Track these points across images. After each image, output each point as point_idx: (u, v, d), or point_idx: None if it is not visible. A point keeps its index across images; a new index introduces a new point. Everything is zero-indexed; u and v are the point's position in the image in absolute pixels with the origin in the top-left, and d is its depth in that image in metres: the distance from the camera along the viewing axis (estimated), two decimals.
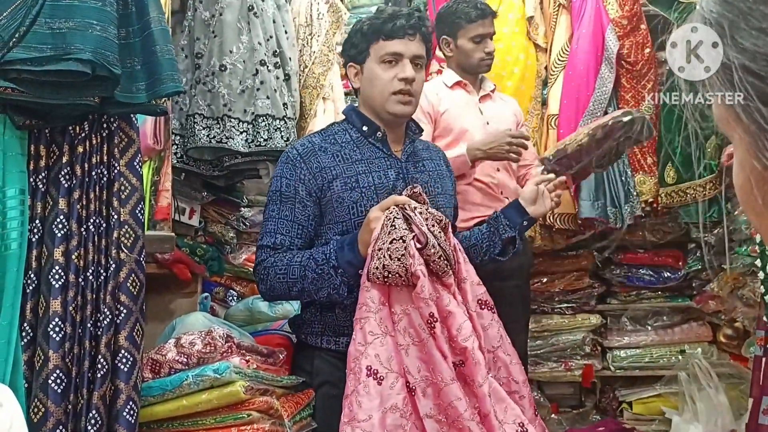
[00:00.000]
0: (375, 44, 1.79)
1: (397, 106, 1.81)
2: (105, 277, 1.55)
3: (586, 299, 3.64)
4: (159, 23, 1.56)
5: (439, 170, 1.96)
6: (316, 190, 1.77)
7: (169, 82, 1.55)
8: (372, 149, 1.83)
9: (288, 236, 1.76)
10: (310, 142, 1.82)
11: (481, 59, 2.67)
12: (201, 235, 2.50)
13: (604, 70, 3.39)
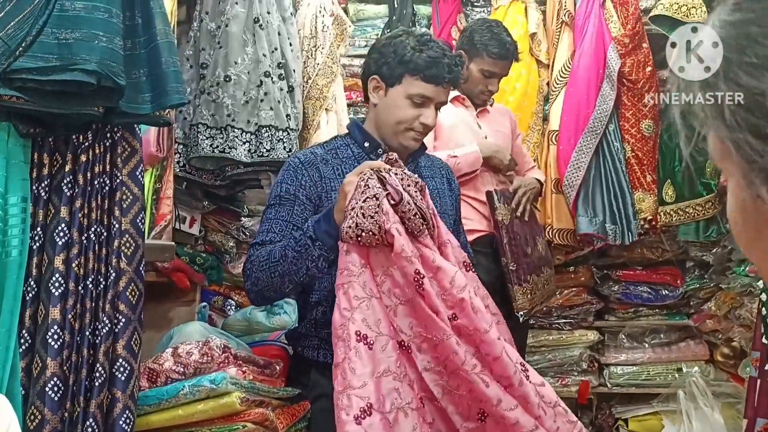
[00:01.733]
0: (411, 77, 1.78)
1: (410, 141, 1.83)
2: (105, 285, 1.56)
3: (584, 315, 3.64)
4: (165, 35, 1.57)
5: (440, 188, 1.97)
6: (315, 197, 1.78)
7: (174, 94, 1.57)
8: None
9: (279, 234, 1.75)
10: (312, 153, 1.84)
11: (481, 92, 2.70)
12: (201, 243, 2.51)
13: (606, 87, 3.41)
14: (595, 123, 3.39)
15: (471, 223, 2.59)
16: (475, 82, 2.68)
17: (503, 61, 2.64)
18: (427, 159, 2.02)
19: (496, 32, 2.65)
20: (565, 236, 3.48)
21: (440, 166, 2.04)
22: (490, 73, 2.65)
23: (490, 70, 2.64)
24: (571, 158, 3.40)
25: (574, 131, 3.43)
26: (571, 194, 3.39)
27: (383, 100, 1.82)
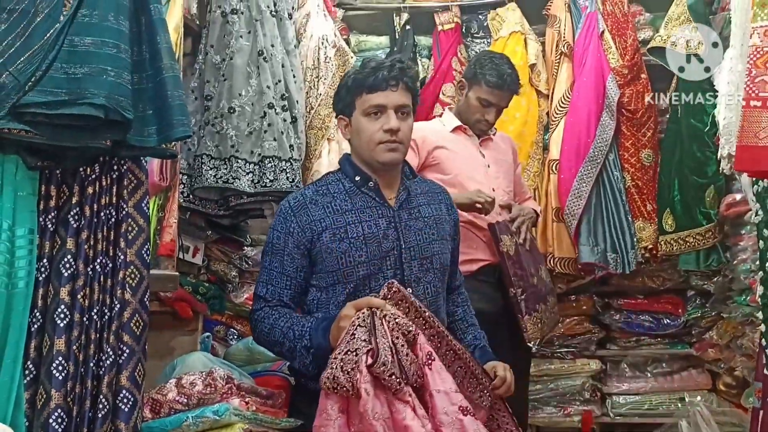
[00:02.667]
0: (359, 98, 1.83)
1: (385, 154, 1.84)
2: (109, 317, 1.57)
3: (586, 344, 3.64)
4: (171, 69, 1.60)
5: (437, 214, 1.97)
6: (305, 243, 1.82)
7: (179, 127, 1.59)
8: (365, 198, 1.87)
9: (277, 287, 1.82)
10: (302, 195, 1.88)
11: (478, 121, 2.72)
12: (204, 273, 2.52)
13: (605, 117, 3.45)
14: (596, 152, 3.43)
15: (474, 253, 2.61)
16: (473, 110, 2.71)
17: (500, 90, 2.67)
18: (424, 184, 2.03)
19: (497, 63, 2.69)
20: (567, 265, 3.49)
21: (437, 191, 2.04)
22: (487, 102, 2.68)
23: (487, 99, 2.67)
24: (572, 187, 3.43)
25: (574, 160, 3.46)
26: (572, 223, 3.41)
27: (352, 131, 1.88)
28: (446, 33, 3.94)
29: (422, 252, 1.88)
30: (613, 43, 3.53)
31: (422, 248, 1.88)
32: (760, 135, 1.57)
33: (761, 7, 1.63)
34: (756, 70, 1.61)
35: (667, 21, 3.24)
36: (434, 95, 3.87)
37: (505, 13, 3.83)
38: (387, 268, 1.83)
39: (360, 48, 4.13)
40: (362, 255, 1.80)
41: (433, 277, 1.91)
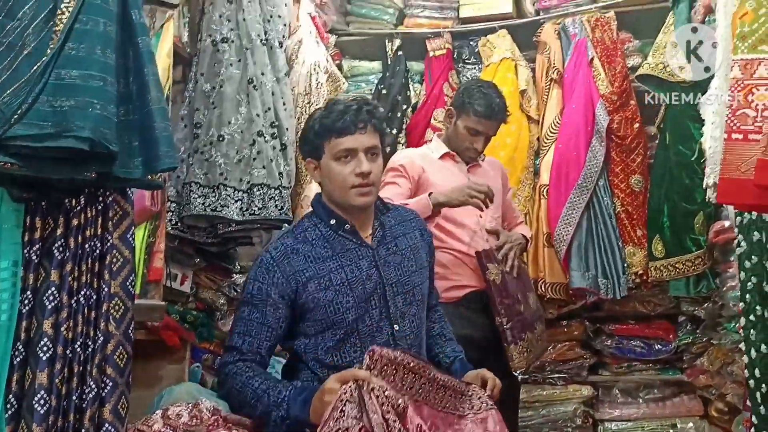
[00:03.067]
0: (328, 142, 1.82)
1: (358, 198, 1.84)
2: (93, 349, 1.56)
3: (577, 370, 3.63)
4: (158, 102, 1.60)
5: (413, 243, 1.97)
6: (290, 293, 1.81)
7: (165, 158, 1.58)
8: (343, 242, 1.87)
9: (257, 339, 1.79)
10: (283, 245, 1.86)
11: (466, 149, 2.73)
12: (192, 300, 2.52)
13: (595, 143, 3.47)
14: (586, 178, 3.44)
15: (462, 279, 2.61)
16: (461, 138, 2.72)
17: (488, 120, 2.67)
18: (397, 213, 2.02)
19: (485, 92, 2.70)
20: (558, 290, 3.49)
21: (411, 218, 2.04)
22: (475, 131, 2.68)
23: (475, 128, 2.68)
24: (562, 213, 3.44)
25: (564, 186, 3.47)
26: (561, 248, 3.42)
27: (322, 174, 1.87)
28: (438, 59, 3.97)
29: (404, 287, 1.89)
30: (602, 69, 3.57)
31: (403, 283, 1.89)
32: (742, 168, 1.59)
33: (741, 39, 1.65)
34: (737, 103, 1.63)
35: (655, 49, 3.27)
36: (426, 120, 3.90)
37: (495, 40, 3.87)
38: (373, 308, 1.83)
39: (352, 73, 4.16)
40: (349, 300, 1.80)
41: (416, 309, 1.92)
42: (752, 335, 2.01)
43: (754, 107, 1.62)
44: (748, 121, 1.63)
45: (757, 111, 1.61)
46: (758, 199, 1.56)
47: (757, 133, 1.59)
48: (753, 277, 2.02)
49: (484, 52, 3.91)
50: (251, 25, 2.44)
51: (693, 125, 3.02)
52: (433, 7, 4.05)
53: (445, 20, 4.04)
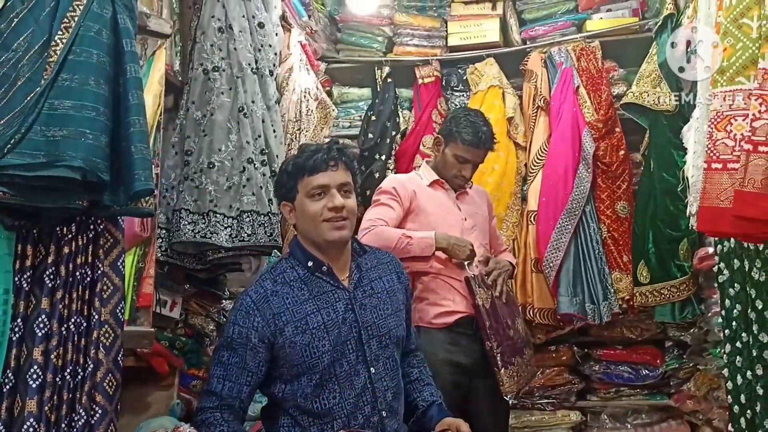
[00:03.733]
0: (301, 181, 1.88)
1: (332, 232, 1.87)
2: (82, 377, 1.57)
3: (566, 395, 3.64)
4: (138, 125, 1.59)
5: (389, 286, 2.00)
6: (269, 336, 1.83)
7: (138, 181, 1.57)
8: (320, 284, 1.89)
9: (237, 383, 1.81)
10: (262, 288, 1.88)
11: (455, 176, 2.76)
12: (181, 327, 2.52)
13: (582, 169, 3.52)
14: (573, 204, 3.48)
15: (452, 305, 2.63)
16: (449, 166, 2.75)
17: (475, 148, 2.71)
18: (373, 256, 2.05)
19: (472, 120, 2.73)
20: (546, 315, 3.51)
21: (387, 261, 2.07)
22: (463, 158, 2.72)
23: (462, 155, 2.71)
24: (551, 238, 3.47)
25: (552, 212, 3.51)
26: (550, 274, 3.45)
27: (297, 215, 1.92)
28: (426, 86, 4.03)
29: (379, 330, 1.92)
30: (588, 97, 3.63)
31: (379, 326, 1.92)
32: (721, 197, 1.63)
33: (720, 73, 1.70)
34: (717, 133, 1.68)
35: (638, 78, 3.33)
36: (415, 146, 3.95)
37: (483, 68, 3.94)
38: (349, 351, 1.86)
39: (342, 99, 4.21)
40: (325, 344, 1.83)
41: (391, 352, 1.94)
42: (738, 362, 2.03)
43: (733, 137, 1.67)
44: (727, 151, 1.67)
45: (735, 141, 1.66)
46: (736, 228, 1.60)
47: (735, 162, 1.64)
48: (738, 305, 2.05)
49: (472, 79, 3.97)
50: (242, 55, 2.48)
51: (676, 153, 3.07)
52: (421, 35, 4.12)
53: (433, 48, 4.10)
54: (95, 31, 1.59)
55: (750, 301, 1.98)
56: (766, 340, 1.91)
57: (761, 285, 1.91)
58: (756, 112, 1.52)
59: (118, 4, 1.67)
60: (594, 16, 3.88)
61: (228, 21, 2.50)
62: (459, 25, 4.07)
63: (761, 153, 1.50)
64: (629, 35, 3.74)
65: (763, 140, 1.50)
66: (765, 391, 1.91)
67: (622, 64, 3.79)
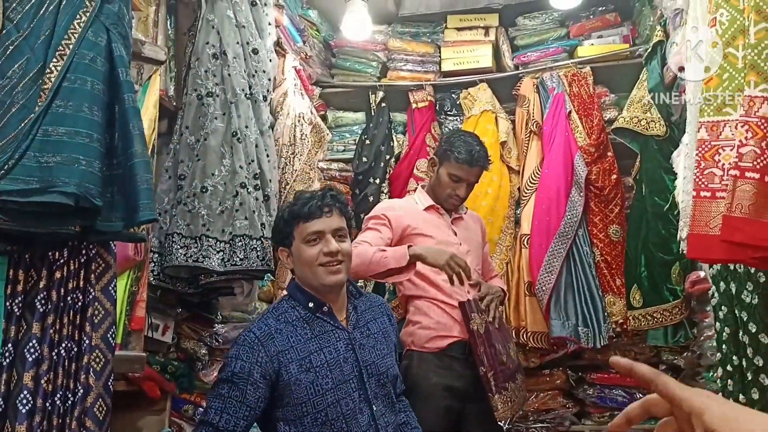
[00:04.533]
0: (297, 228, 1.95)
1: (328, 276, 1.93)
2: (72, 402, 1.57)
3: (560, 420, 3.62)
4: (142, 156, 1.64)
5: (383, 327, 2.06)
6: (272, 373, 1.85)
7: (144, 210, 1.60)
8: (321, 324, 1.94)
9: (234, 417, 1.81)
10: (266, 326, 1.91)
11: (449, 195, 2.77)
12: (173, 351, 2.51)
13: (574, 193, 3.54)
14: (566, 228, 3.50)
15: (444, 330, 2.63)
16: (444, 185, 2.77)
17: (469, 166, 2.72)
18: (367, 299, 2.11)
19: (467, 141, 2.76)
20: (540, 339, 3.51)
21: (379, 304, 2.14)
22: (457, 177, 2.73)
23: (457, 174, 2.73)
24: (544, 262, 3.48)
25: (545, 235, 3.52)
26: (543, 297, 3.45)
27: (293, 261, 1.98)
28: (420, 110, 4.06)
29: (378, 369, 1.97)
30: (580, 122, 3.67)
31: (378, 365, 1.97)
32: (711, 224, 1.64)
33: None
34: (704, 162, 1.70)
35: (629, 103, 3.37)
36: (409, 170, 3.97)
37: (476, 93, 3.98)
38: (352, 390, 1.89)
39: (337, 123, 4.24)
40: (328, 382, 1.86)
41: (389, 390, 2.00)
42: (729, 386, 2.03)
43: (720, 167, 1.69)
44: (716, 180, 1.69)
45: (723, 170, 1.68)
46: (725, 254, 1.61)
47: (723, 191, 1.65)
48: (727, 328, 2.06)
49: (465, 104, 4.01)
50: (236, 80, 2.50)
51: (667, 177, 3.09)
52: (415, 60, 4.16)
53: (427, 73, 4.14)
54: (90, 58, 1.61)
55: (742, 324, 1.99)
56: (761, 364, 1.91)
57: (754, 308, 1.92)
58: (743, 139, 1.54)
59: (113, 33, 1.69)
60: (585, 42, 3.93)
61: (222, 47, 2.52)
62: (452, 50, 4.11)
63: (748, 179, 1.51)
64: (620, 61, 3.78)
65: (750, 166, 1.52)
66: None
67: (614, 89, 3.83)
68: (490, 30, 4.10)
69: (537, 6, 4.03)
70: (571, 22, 4.00)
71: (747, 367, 1.93)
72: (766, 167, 1.48)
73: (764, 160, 1.48)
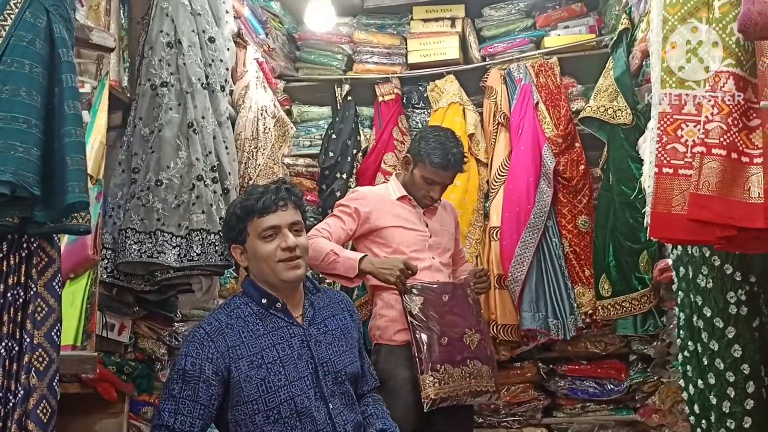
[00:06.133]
0: (251, 223, 1.89)
1: (288, 272, 1.88)
2: (12, 404, 1.47)
3: (532, 412, 3.60)
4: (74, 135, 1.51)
5: (343, 324, 2.00)
6: (223, 369, 1.79)
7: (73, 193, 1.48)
8: (274, 320, 1.88)
9: (189, 417, 1.76)
10: (217, 321, 1.85)
11: (423, 197, 2.74)
12: (131, 351, 2.43)
13: (543, 184, 3.51)
14: (536, 219, 3.47)
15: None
16: (418, 186, 2.72)
17: (444, 170, 2.68)
18: (325, 296, 2.05)
19: (442, 142, 2.69)
20: (510, 332, 3.48)
21: (339, 300, 2.08)
22: (431, 180, 2.69)
23: (431, 177, 2.68)
24: (515, 254, 3.45)
25: (515, 227, 3.49)
26: (516, 289, 3.42)
27: (248, 257, 1.92)
28: (387, 104, 4.01)
29: (335, 365, 1.91)
30: (547, 113, 3.64)
31: (334, 362, 1.91)
32: (673, 202, 1.60)
33: (669, 74, 1.68)
34: (666, 137, 1.65)
35: (596, 93, 3.35)
36: (376, 164, 3.92)
37: (443, 85, 3.93)
38: (307, 387, 1.83)
39: (302, 118, 4.17)
40: (281, 379, 1.80)
41: (347, 388, 1.94)
42: (689, 371, 2.01)
43: (683, 142, 1.65)
44: (678, 156, 1.65)
45: (687, 146, 1.64)
46: (690, 234, 1.57)
47: (687, 168, 1.62)
48: (682, 313, 2.03)
49: (433, 96, 3.96)
50: (192, 70, 2.42)
51: (634, 165, 3.07)
52: (381, 53, 4.11)
53: (393, 66, 4.09)
54: (28, 40, 1.53)
55: (697, 309, 1.96)
56: (716, 348, 1.88)
57: (708, 292, 1.89)
58: (709, 114, 1.50)
59: (54, 14, 1.61)
60: (552, 32, 3.90)
61: (177, 36, 2.44)
62: (419, 42, 4.06)
63: (715, 156, 1.47)
64: (586, 51, 3.77)
65: (716, 143, 1.48)
66: (718, 400, 1.88)
67: (581, 79, 3.81)
68: (456, 21, 4.06)
69: None
70: (537, 12, 3.98)
71: (702, 352, 1.91)
72: (733, 143, 1.44)
73: (731, 137, 1.44)
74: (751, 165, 1.44)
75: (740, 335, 1.87)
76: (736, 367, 1.86)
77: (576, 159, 3.57)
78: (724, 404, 1.88)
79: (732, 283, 1.89)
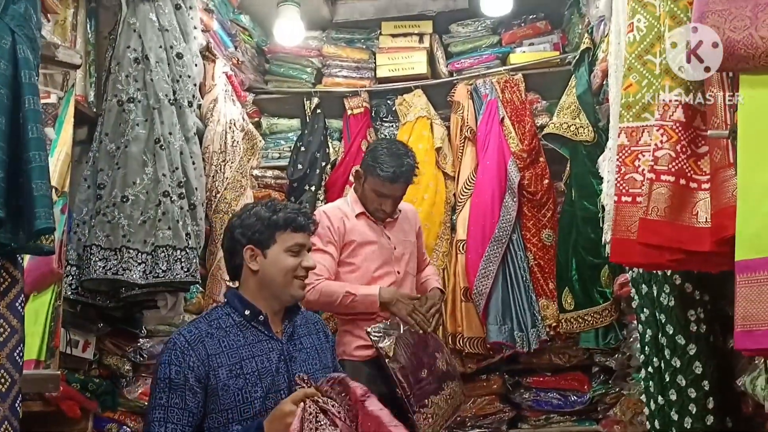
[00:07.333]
0: (282, 234, 1.92)
1: (300, 290, 1.94)
2: None
3: (497, 424, 3.64)
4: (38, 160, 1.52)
5: (318, 344, 2.03)
6: (203, 377, 1.79)
7: (40, 219, 1.49)
8: (255, 333, 1.89)
9: (179, 425, 1.75)
10: (197, 329, 1.86)
11: (375, 210, 2.76)
12: (95, 368, 2.41)
13: (508, 198, 3.57)
14: (501, 232, 3.53)
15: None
16: (369, 200, 2.74)
17: (392, 183, 2.68)
18: (302, 316, 2.08)
19: (393, 153, 2.70)
20: (476, 344, 3.53)
21: (315, 321, 2.11)
22: (381, 193, 2.70)
23: (380, 190, 2.69)
24: (479, 267, 3.50)
25: (480, 241, 3.54)
26: (480, 302, 3.47)
27: (264, 263, 1.92)
28: (356, 117, 4.04)
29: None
30: (512, 128, 3.71)
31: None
32: (632, 229, 1.66)
33: (627, 108, 1.74)
34: (625, 167, 1.72)
35: (559, 110, 3.42)
36: (345, 177, 3.94)
37: (411, 99, 3.98)
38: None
39: (271, 130, 4.18)
40: (258, 390, 1.81)
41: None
42: (651, 387, 2.06)
43: (641, 172, 1.71)
44: (636, 185, 1.71)
45: (643, 175, 1.70)
46: (644, 257, 1.63)
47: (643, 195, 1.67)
48: (649, 330, 2.09)
49: (401, 110, 4.01)
50: (159, 85, 2.42)
51: (595, 181, 3.14)
52: (350, 67, 4.14)
53: (362, 80, 4.13)
54: None
55: (660, 326, 2.02)
56: (678, 365, 1.94)
57: (671, 309, 1.95)
58: (658, 142, 1.56)
59: (19, 35, 1.61)
60: (517, 49, 3.98)
61: (144, 52, 2.44)
62: (387, 57, 4.11)
63: (663, 182, 1.53)
64: (551, 68, 3.85)
65: (665, 169, 1.54)
66: (680, 417, 1.93)
67: (545, 96, 3.89)
68: (424, 37, 4.12)
69: (470, 14, 4.07)
70: (503, 29, 4.05)
71: (665, 369, 1.97)
72: (681, 170, 1.50)
73: (679, 163, 1.50)
74: (699, 191, 1.50)
75: (701, 352, 1.93)
76: (698, 383, 1.92)
77: (540, 173, 3.64)
78: (686, 420, 1.93)
79: (692, 302, 1.96)
